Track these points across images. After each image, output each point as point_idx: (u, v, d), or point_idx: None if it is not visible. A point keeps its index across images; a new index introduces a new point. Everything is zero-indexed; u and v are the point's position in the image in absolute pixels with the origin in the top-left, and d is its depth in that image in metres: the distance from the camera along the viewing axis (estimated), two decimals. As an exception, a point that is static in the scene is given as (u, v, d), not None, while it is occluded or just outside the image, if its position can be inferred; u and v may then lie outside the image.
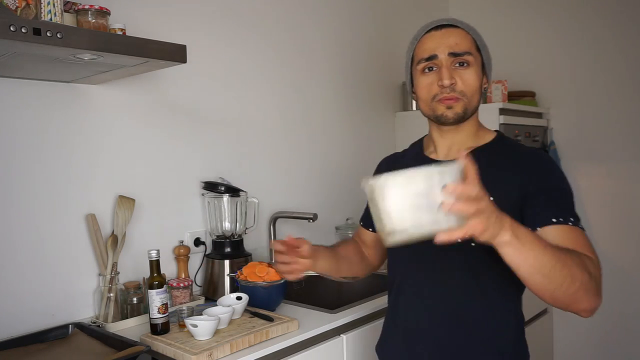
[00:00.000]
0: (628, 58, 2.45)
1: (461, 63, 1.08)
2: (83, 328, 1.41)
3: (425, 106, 1.13)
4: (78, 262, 1.52)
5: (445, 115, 1.09)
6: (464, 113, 1.09)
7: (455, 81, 1.07)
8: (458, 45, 1.08)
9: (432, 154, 1.19)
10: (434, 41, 1.10)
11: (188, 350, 1.22)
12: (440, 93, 1.08)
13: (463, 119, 1.10)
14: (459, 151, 1.11)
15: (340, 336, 1.51)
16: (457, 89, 1.07)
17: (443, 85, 1.07)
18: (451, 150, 1.15)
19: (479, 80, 1.10)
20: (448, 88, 1.07)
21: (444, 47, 1.08)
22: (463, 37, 1.09)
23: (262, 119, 2.05)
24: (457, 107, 1.08)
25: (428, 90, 1.10)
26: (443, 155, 1.16)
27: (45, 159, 1.46)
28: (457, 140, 1.14)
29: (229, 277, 1.71)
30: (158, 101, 1.72)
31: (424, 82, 1.11)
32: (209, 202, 1.80)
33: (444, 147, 1.16)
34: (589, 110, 2.57)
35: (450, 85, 1.07)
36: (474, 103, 1.10)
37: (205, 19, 1.85)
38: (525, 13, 2.77)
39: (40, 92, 1.45)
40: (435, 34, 1.10)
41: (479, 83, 1.10)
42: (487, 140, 1.15)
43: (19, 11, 1.11)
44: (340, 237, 2.28)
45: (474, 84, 1.09)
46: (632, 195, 2.45)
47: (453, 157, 1.12)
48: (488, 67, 1.14)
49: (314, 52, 2.27)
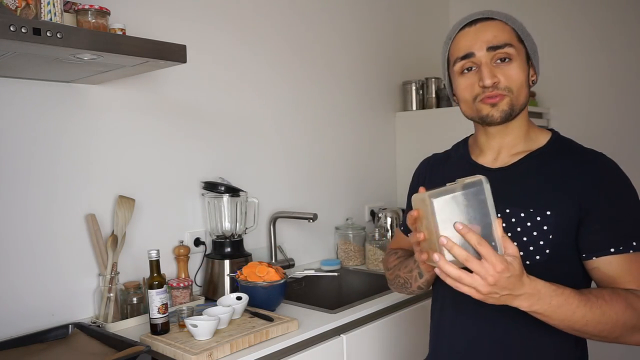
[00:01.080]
0: (628, 58, 2.45)
1: (502, 58, 0.98)
2: (83, 328, 1.41)
3: (468, 108, 1.04)
4: (78, 262, 1.52)
5: (491, 115, 0.99)
6: (511, 110, 0.99)
7: (498, 79, 0.98)
8: (496, 38, 0.98)
9: (480, 158, 1.09)
10: (469, 37, 1.01)
11: (188, 350, 1.22)
12: (483, 93, 0.99)
13: (510, 117, 1.00)
14: (508, 156, 1.05)
15: (340, 336, 1.51)
16: (501, 86, 0.98)
17: (485, 85, 0.98)
18: (500, 154, 1.06)
19: (524, 73, 1.00)
20: (491, 87, 0.98)
21: (480, 43, 0.99)
22: (501, 29, 1.00)
23: (262, 119, 2.05)
24: (503, 104, 0.98)
25: (470, 91, 1.01)
26: (491, 160, 1.07)
27: (45, 159, 1.46)
28: (506, 143, 1.05)
29: (229, 277, 1.71)
30: (158, 101, 1.72)
31: (464, 83, 1.02)
32: (209, 202, 1.80)
33: (492, 151, 1.07)
34: (589, 110, 2.57)
35: (492, 84, 0.97)
36: (522, 99, 1.00)
37: (205, 19, 1.85)
38: (525, 13, 2.77)
39: (40, 92, 1.45)
40: (470, 30, 1.01)
41: (524, 76, 1.00)
42: (541, 142, 1.05)
43: (19, 11, 1.11)
44: (340, 237, 2.28)
45: (519, 78, 0.99)
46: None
47: (502, 163, 1.05)
48: (534, 57, 1.04)
49: (314, 52, 2.27)
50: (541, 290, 0.84)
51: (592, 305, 0.86)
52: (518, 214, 0.97)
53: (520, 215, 0.97)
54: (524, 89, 1.00)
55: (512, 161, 1.04)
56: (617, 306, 0.87)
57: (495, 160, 1.07)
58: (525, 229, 0.96)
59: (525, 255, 0.95)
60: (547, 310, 0.85)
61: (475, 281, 0.79)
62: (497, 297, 0.81)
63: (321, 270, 2.11)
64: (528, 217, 0.96)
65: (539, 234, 0.95)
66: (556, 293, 0.85)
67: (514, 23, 1.02)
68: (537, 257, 0.95)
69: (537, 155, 1.03)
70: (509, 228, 0.97)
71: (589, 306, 0.86)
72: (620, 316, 0.87)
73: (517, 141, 1.05)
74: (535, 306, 0.84)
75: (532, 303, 0.84)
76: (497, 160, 1.07)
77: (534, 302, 0.84)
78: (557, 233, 0.94)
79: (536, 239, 0.95)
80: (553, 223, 0.94)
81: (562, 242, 0.95)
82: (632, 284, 0.92)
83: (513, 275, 0.80)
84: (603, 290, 0.90)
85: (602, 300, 0.87)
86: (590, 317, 0.86)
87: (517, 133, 1.05)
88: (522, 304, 0.84)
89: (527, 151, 1.04)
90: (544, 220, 0.95)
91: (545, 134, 1.07)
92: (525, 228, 0.96)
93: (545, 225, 0.95)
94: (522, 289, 0.82)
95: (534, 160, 1.02)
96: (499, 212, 0.92)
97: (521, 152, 1.04)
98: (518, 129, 1.05)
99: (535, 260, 0.95)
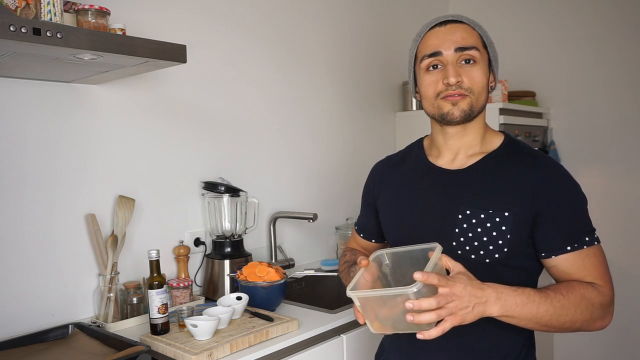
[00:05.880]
0: (628, 58, 2.45)
1: (467, 60, 1.03)
2: (83, 328, 1.41)
3: (429, 105, 1.07)
4: (78, 262, 1.52)
5: (452, 113, 1.03)
6: (471, 110, 1.03)
7: (462, 79, 1.02)
8: (465, 40, 1.03)
9: (437, 160, 1.12)
10: (439, 37, 1.05)
11: (188, 350, 1.22)
12: (445, 90, 1.03)
13: (470, 118, 1.04)
14: (465, 157, 1.08)
15: (340, 336, 1.51)
16: (464, 86, 1.02)
17: (449, 83, 1.02)
18: (458, 155, 1.10)
19: (486, 77, 1.05)
20: (454, 86, 1.02)
21: (449, 43, 1.03)
22: (469, 33, 1.04)
23: (262, 119, 2.05)
24: (464, 104, 1.03)
25: (433, 88, 1.05)
26: (448, 162, 1.10)
27: (45, 159, 1.46)
28: (464, 144, 1.09)
29: (229, 277, 1.71)
30: (158, 101, 1.72)
31: (428, 79, 1.06)
32: (209, 202, 1.80)
33: (449, 152, 1.11)
34: (589, 110, 2.57)
35: (456, 83, 1.01)
36: (481, 101, 1.05)
37: (205, 19, 1.85)
38: (525, 13, 2.77)
39: (40, 92, 1.45)
40: (440, 30, 1.05)
41: (486, 80, 1.05)
42: (495, 144, 1.09)
43: (19, 11, 1.11)
44: (340, 237, 2.28)
45: (481, 81, 1.03)
46: (632, 196, 2.45)
47: (459, 164, 1.08)
48: (495, 64, 1.09)
49: (314, 52, 2.27)
50: (503, 292, 0.90)
51: (551, 300, 0.93)
52: (478, 215, 1.01)
53: (481, 216, 1.01)
54: (484, 92, 1.06)
55: (469, 163, 1.08)
56: (573, 299, 0.94)
57: (452, 162, 1.10)
58: (485, 230, 1.01)
59: (485, 253, 1.00)
60: (515, 310, 0.91)
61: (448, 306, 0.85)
62: (470, 309, 0.87)
63: (321, 270, 2.11)
64: (487, 218, 1.01)
65: (498, 234, 1.00)
66: (517, 292, 0.91)
67: (480, 29, 1.08)
68: (496, 255, 1.00)
69: (492, 157, 1.07)
70: (471, 228, 1.02)
71: (549, 301, 0.93)
72: (577, 307, 0.94)
73: (474, 142, 1.09)
74: (505, 308, 0.90)
75: (501, 306, 0.90)
76: (454, 161, 1.10)
77: (502, 305, 0.90)
78: (515, 232, 0.99)
79: (495, 239, 1.00)
80: (510, 223, 0.99)
81: (519, 241, 1.00)
82: (587, 278, 0.99)
83: (468, 284, 0.87)
84: (559, 286, 0.97)
85: (560, 295, 0.94)
86: (552, 312, 0.92)
87: (475, 135, 1.09)
88: (493, 310, 0.89)
89: (483, 153, 1.08)
90: (502, 221, 1.00)
91: (498, 136, 1.11)
92: (485, 228, 1.01)
93: (504, 226, 1.00)
94: (484, 293, 0.88)
95: (490, 162, 1.06)
96: (460, 213, 1.02)
97: (478, 154, 1.08)
98: (476, 131, 1.09)
99: (495, 258, 1.00)
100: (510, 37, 2.78)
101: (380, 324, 0.92)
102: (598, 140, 2.54)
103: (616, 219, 2.49)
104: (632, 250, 2.47)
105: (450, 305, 0.85)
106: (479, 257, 1.01)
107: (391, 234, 1.19)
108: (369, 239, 1.32)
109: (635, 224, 2.46)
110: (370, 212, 1.27)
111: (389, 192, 1.19)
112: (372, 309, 0.91)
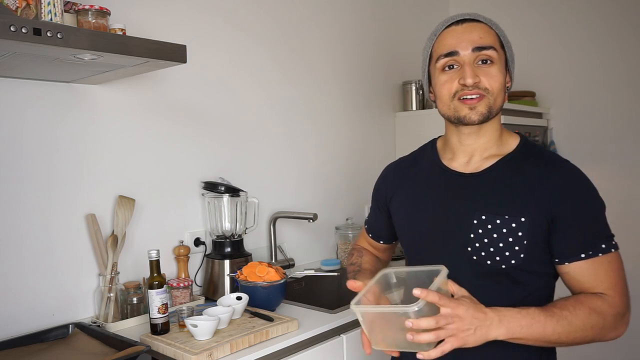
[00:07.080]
0: (628, 58, 2.45)
1: (484, 60, 1.00)
2: (83, 328, 1.41)
3: (445, 106, 1.04)
4: (78, 262, 1.52)
5: (469, 117, 1.00)
6: (489, 112, 1.00)
7: (479, 79, 0.99)
8: (482, 39, 1.00)
9: (452, 162, 1.09)
10: (455, 36, 1.01)
11: (188, 350, 1.22)
12: (462, 90, 1.00)
13: (487, 119, 1.01)
14: (481, 159, 1.06)
15: (340, 336, 1.51)
16: (482, 86, 0.99)
17: (466, 84, 0.98)
18: (473, 157, 1.07)
19: (503, 78, 1.02)
20: (471, 86, 0.99)
21: (466, 43, 1.00)
22: (487, 32, 1.01)
23: (262, 119, 2.05)
24: (481, 106, 0.99)
25: (448, 88, 1.01)
26: (463, 164, 1.07)
27: (45, 159, 1.46)
28: (479, 145, 1.06)
29: (229, 277, 1.71)
30: (158, 101, 1.72)
31: (444, 79, 1.02)
32: (209, 202, 1.81)
33: (464, 154, 1.08)
34: (589, 111, 2.57)
35: (473, 84, 0.98)
36: (499, 102, 1.02)
37: (205, 19, 1.85)
38: (525, 13, 2.77)
39: (40, 92, 1.45)
40: (457, 29, 1.02)
41: (503, 80, 1.02)
42: (511, 146, 1.06)
43: (19, 11, 1.11)
44: (340, 237, 2.28)
45: (498, 81, 1.00)
46: (632, 196, 2.45)
47: (474, 167, 1.06)
48: (512, 65, 1.07)
49: (314, 52, 2.27)
50: (506, 314, 0.90)
51: (558, 318, 0.91)
52: (494, 220, 0.99)
53: (497, 222, 0.99)
54: (502, 93, 1.02)
55: (484, 166, 1.05)
56: (581, 314, 0.92)
57: (467, 164, 1.07)
58: (501, 235, 0.99)
59: (501, 259, 0.99)
60: (521, 332, 0.90)
61: (448, 327, 0.85)
62: (472, 332, 0.87)
63: (321, 270, 2.11)
64: (503, 223, 0.99)
65: (514, 240, 0.98)
66: (521, 314, 0.91)
67: (498, 29, 1.05)
68: (512, 261, 0.99)
69: (508, 160, 1.04)
70: (486, 234, 0.99)
71: (556, 319, 0.91)
72: (587, 322, 0.92)
73: (490, 144, 1.06)
74: (510, 331, 0.89)
75: (506, 329, 0.89)
76: (469, 164, 1.07)
77: (506, 328, 0.89)
78: (531, 238, 0.98)
79: (512, 245, 0.98)
80: (527, 229, 0.97)
81: (535, 247, 0.98)
82: (598, 288, 0.97)
83: (471, 307, 0.87)
84: (566, 302, 0.95)
85: (567, 311, 0.92)
86: (560, 330, 0.91)
87: (490, 136, 1.06)
88: (497, 333, 0.89)
89: (499, 155, 1.05)
90: (518, 227, 0.98)
91: (514, 137, 1.08)
92: (502, 234, 0.99)
93: (520, 232, 0.98)
94: (487, 317, 0.88)
95: (505, 166, 1.04)
96: (475, 218, 0.99)
97: (493, 156, 1.05)
98: (491, 133, 1.06)
99: (511, 264, 0.98)
100: (510, 37, 2.72)
101: (382, 340, 0.93)
102: (598, 140, 2.54)
103: (616, 219, 2.48)
104: (632, 250, 2.46)
105: (451, 327, 0.85)
106: (495, 263, 0.99)
107: (405, 238, 1.18)
108: (377, 239, 1.31)
109: (635, 224, 2.45)
110: (380, 213, 1.26)
111: (402, 196, 1.17)
112: (375, 324, 0.92)
